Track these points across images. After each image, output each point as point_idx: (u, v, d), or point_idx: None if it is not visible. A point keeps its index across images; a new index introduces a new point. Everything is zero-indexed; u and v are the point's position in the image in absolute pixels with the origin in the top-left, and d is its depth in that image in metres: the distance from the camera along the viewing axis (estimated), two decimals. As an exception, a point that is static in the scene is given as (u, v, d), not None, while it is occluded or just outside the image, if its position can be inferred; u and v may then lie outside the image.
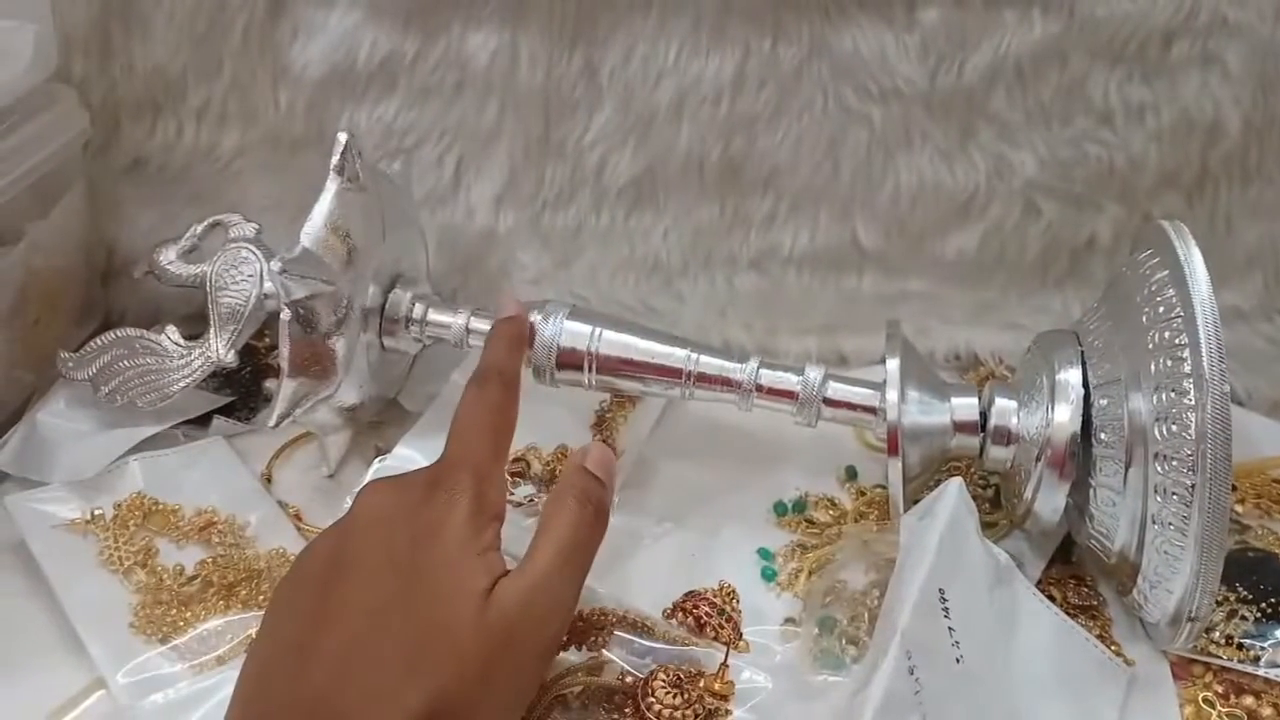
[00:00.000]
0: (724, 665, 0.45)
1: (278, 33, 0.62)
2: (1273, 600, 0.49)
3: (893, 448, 0.49)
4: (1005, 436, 0.49)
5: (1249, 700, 0.46)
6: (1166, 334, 0.44)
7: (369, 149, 0.62)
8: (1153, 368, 0.44)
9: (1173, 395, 0.43)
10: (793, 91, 0.62)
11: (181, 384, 0.55)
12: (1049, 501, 0.48)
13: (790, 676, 0.45)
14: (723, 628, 0.47)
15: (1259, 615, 0.48)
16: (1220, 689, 0.47)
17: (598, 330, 0.53)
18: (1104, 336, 0.48)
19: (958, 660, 0.42)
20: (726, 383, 0.52)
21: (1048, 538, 0.52)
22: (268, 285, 0.55)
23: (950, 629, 0.42)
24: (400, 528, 0.40)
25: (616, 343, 0.53)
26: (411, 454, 0.53)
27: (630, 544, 0.52)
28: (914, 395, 0.50)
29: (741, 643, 0.47)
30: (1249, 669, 0.47)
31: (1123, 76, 0.61)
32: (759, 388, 0.52)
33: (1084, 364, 0.48)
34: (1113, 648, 0.48)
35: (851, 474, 0.57)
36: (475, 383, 0.45)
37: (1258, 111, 0.61)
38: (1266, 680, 0.47)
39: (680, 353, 0.52)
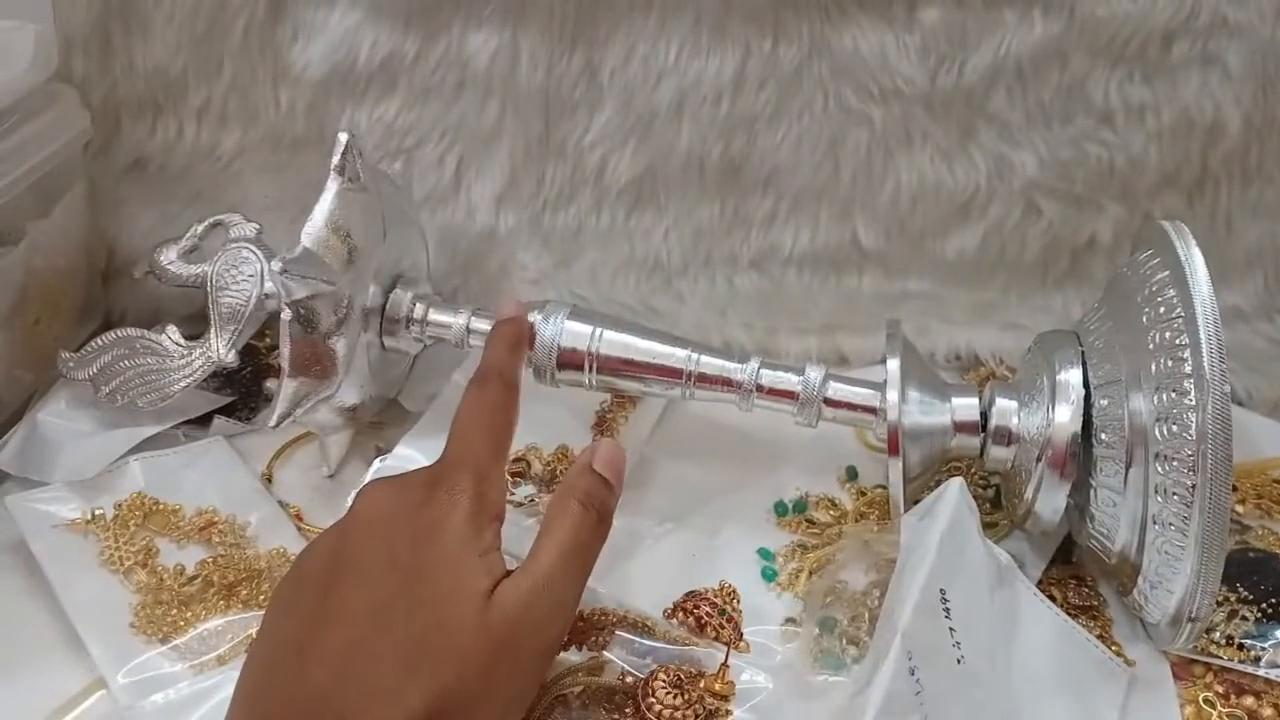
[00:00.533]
0: (724, 665, 0.45)
1: (278, 33, 0.62)
2: (1273, 600, 0.49)
3: (893, 448, 0.49)
4: (1006, 437, 0.49)
5: (1249, 700, 0.46)
6: (1167, 334, 0.44)
7: (369, 149, 0.62)
8: (1153, 368, 0.44)
9: (1173, 395, 0.43)
10: (793, 91, 0.62)
11: (182, 384, 0.55)
12: (1049, 502, 0.48)
13: (791, 677, 0.45)
14: (723, 628, 0.47)
15: (1259, 615, 0.48)
16: (1221, 689, 0.47)
17: (598, 330, 0.53)
18: (1104, 337, 0.48)
19: (959, 660, 0.42)
20: (727, 383, 0.52)
21: (1048, 538, 0.52)
22: (268, 285, 0.55)
23: (951, 629, 0.42)
24: (400, 527, 0.40)
25: (617, 343, 0.53)
26: (412, 454, 0.53)
27: (630, 544, 0.52)
28: (914, 395, 0.50)
29: (742, 643, 0.47)
30: (1249, 669, 0.47)
31: (1123, 76, 0.61)
32: (759, 388, 0.52)
33: (1084, 364, 0.48)
34: (1113, 648, 0.48)
35: (852, 474, 0.57)
36: (476, 383, 0.45)
37: (1258, 111, 0.61)
38: (1267, 680, 0.47)
39: (681, 353, 0.52)
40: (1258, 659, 0.47)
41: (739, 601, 0.49)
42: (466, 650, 0.37)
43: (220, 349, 0.55)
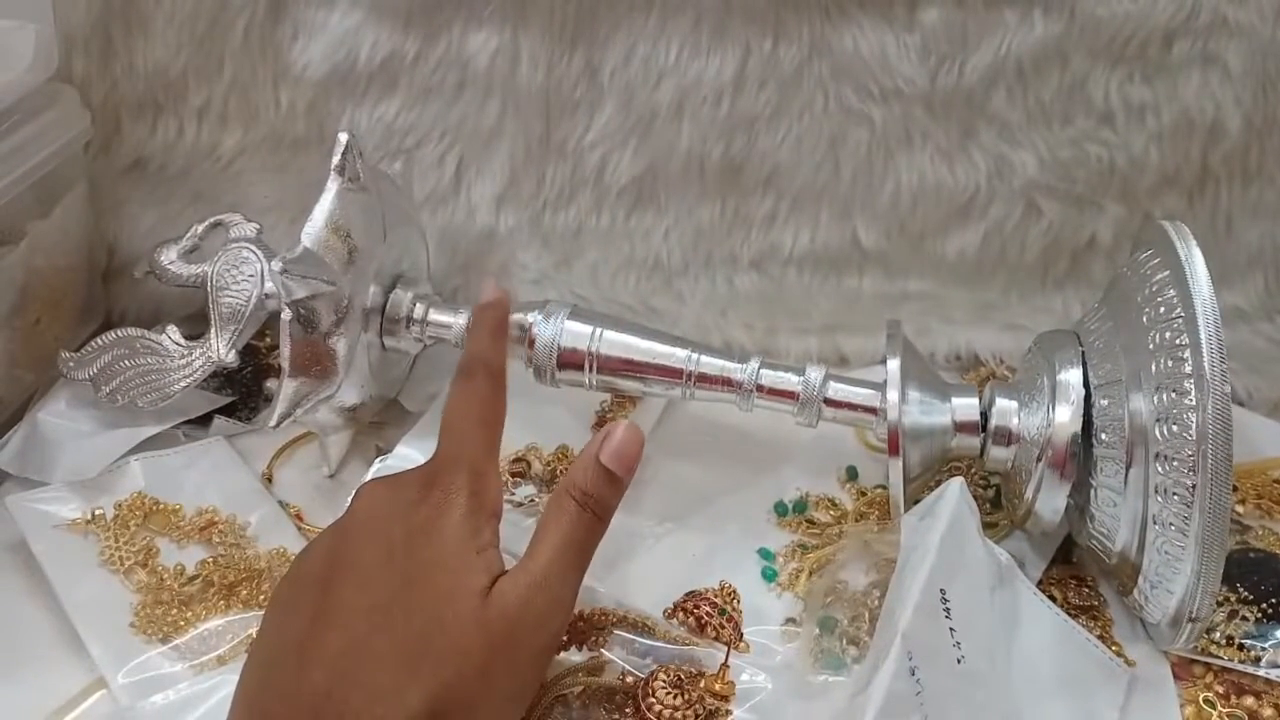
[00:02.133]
0: (724, 665, 0.45)
1: (278, 33, 0.62)
2: (1273, 601, 0.49)
3: (893, 448, 0.49)
4: (1006, 437, 0.49)
5: (1250, 701, 0.46)
6: (1167, 334, 0.44)
7: (370, 149, 0.62)
8: (1153, 368, 0.44)
9: (1173, 395, 0.43)
10: (793, 91, 0.62)
11: (182, 384, 0.55)
12: (1050, 502, 0.48)
13: (791, 677, 0.45)
14: (723, 628, 0.47)
15: (1260, 616, 0.48)
16: (1221, 689, 0.47)
17: (599, 330, 0.53)
18: (1105, 337, 0.48)
19: (959, 661, 0.42)
20: (727, 383, 0.52)
21: (1048, 538, 0.52)
22: (269, 285, 0.55)
23: (951, 629, 0.42)
24: (397, 526, 0.40)
25: (617, 343, 0.53)
26: (412, 454, 0.53)
27: (631, 544, 0.52)
28: (915, 395, 0.50)
29: (742, 643, 0.47)
30: (1250, 669, 0.47)
31: (1123, 76, 0.61)
32: (760, 388, 0.52)
33: (1085, 364, 0.48)
34: (1113, 648, 0.48)
35: (852, 474, 0.57)
36: (461, 375, 0.45)
37: (1258, 111, 0.61)
38: (1267, 681, 0.47)
39: (681, 353, 0.52)
40: (1258, 659, 0.47)
41: (739, 601, 0.49)
42: (466, 648, 0.37)
43: (220, 349, 0.55)
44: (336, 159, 0.51)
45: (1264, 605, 0.49)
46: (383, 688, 0.36)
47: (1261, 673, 0.47)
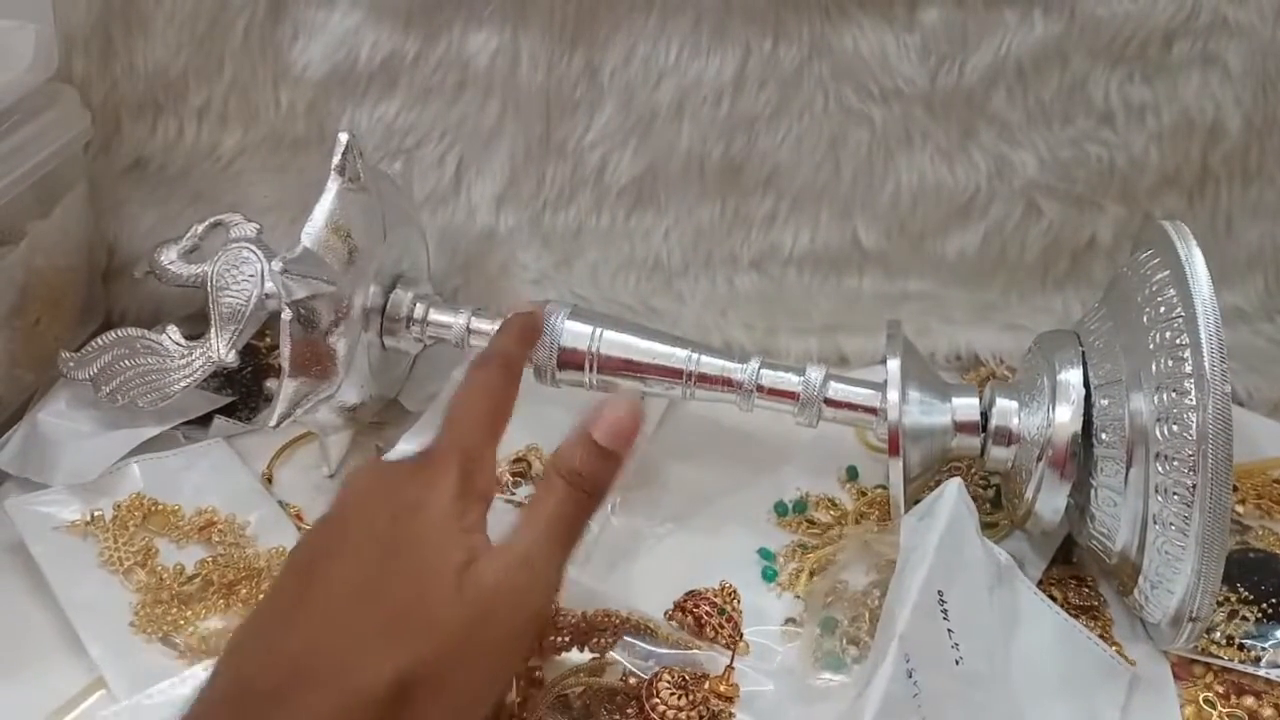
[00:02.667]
0: (729, 667, 0.45)
1: (278, 33, 0.62)
2: (1273, 601, 0.49)
3: (893, 448, 0.49)
4: (1006, 437, 0.49)
5: (1250, 701, 0.46)
6: (1167, 334, 0.44)
7: (370, 149, 0.62)
8: (1154, 368, 0.44)
9: (1174, 395, 0.43)
10: (793, 91, 0.62)
11: (182, 384, 0.55)
12: (1050, 502, 0.48)
13: (791, 678, 0.45)
14: (722, 627, 0.47)
15: (1260, 616, 0.48)
16: (1221, 689, 0.47)
17: (599, 330, 0.53)
18: (1105, 337, 0.48)
19: (957, 662, 0.42)
20: (727, 383, 0.52)
21: (1049, 538, 0.52)
22: (269, 285, 0.55)
23: (949, 630, 0.42)
24: (384, 503, 0.40)
25: (617, 343, 0.53)
26: (411, 452, 0.53)
27: (631, 544, 0.52)
28: (915, 395, 0.50)
29: (742, 643, 0.47)
30: (1250, 669, 0.47)
31: (1123, 77, 0.61)
32: (760, 388, 0.52)
33: (1085, 364, 0.48)
34: (1114, 648, 0.48)
35: (852, 474, 0.57)
36: (477, 365, 0.44)
37: (1258, 111, 0.61)
38: (1267, 681, 0.47)
39: (681, 353, 0.52)
40: (1258, 659, 0.47)
41: (739, 601, 0.49)
42: (441, 624, 0.37)
43: (220, 349, 0.55)
44: (336, 159, 0.51)
45: (1264, 605, 0.49)
46: (357, 656, 0.36)
47: (1261, 673, 0.47)
